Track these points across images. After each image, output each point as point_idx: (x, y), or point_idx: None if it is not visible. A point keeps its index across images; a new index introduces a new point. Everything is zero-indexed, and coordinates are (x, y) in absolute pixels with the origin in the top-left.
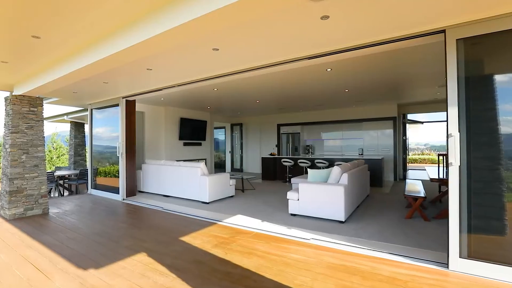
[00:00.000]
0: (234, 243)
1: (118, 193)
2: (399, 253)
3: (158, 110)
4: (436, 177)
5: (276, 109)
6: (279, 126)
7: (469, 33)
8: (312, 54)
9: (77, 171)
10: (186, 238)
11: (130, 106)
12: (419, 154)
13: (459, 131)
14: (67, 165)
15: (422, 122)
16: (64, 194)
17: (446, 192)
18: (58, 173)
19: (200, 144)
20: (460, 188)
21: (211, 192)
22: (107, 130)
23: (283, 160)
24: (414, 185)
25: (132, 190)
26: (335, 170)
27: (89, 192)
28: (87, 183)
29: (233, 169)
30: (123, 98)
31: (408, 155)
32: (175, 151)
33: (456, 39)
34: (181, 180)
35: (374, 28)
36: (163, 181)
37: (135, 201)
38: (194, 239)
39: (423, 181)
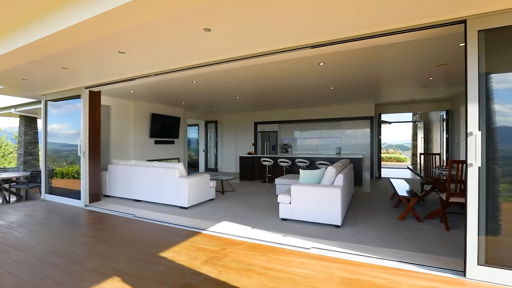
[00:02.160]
0: (226, 257)
1: (79, 199)
2: (411, 261)
3: (126, 104)
4: (416, 176)
5: (254, 107)
6: (256, 124)
7: (492, 24)
8: (311, 43)
9: (28, 173)
10: (168, 254)
11: (94, 98)
12: (384, 153)
13: (479, 129)
14: (15, 166)
15: (390, 122)
16: (11, 200)
17: (430, 191)
18: (2, 175)
19: (172, 142)
20: (479, 191)
21: (191, 196)
22: (65, 126)
23: (262, 159)
24: (403, 184)
25: (96, 194)
26: (330, 171)
27: (42, 197)
28: (40, 186)
29: (207, 169)
30: (86, 88)
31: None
32: (146, 150)
33: (478, 30)
34: (155, 182)
35: (387, 15)
36: (134, 184)
37: (100, 208)
38: (178, 255)
39: (402, 179)
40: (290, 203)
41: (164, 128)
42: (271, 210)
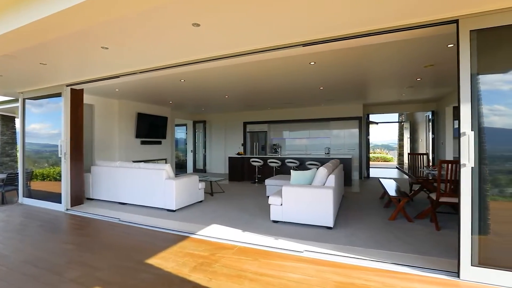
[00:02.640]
0: (216, 263)
1: (60, 202)
2: (404, 262)
3: (110, 104)
4: (403, 175)
5: (243, 106)
6: (245, 124)
7: (484, 24)
8: (303, 41)
9: (4, 175)
10: (155, 261)
11: (76, 96)
12: (371, 153)
13: (472, 130)
14: None
15: (377, 123)
16: None
17: (419, 191)
18: None
19: (160, 142)
20: (472, 191)
21: (179, 198)
22: (46, 126)
23: (252, 160)
24: (392, 184)
25: (79, 197)
26: (321, 171)
27: (20, 201)
28: (17, 190)
29: (195, 170)
30: (67, 86)
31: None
32: (131, 150)
33: (470, 30)
34: (141, 184)
35: (380, 14)
36: (119, 186)
37: (83, 212)
38: (166, 261)
39: (391, 179)
40: (282, 204)
41: (150, 128)
42: (262, 212)
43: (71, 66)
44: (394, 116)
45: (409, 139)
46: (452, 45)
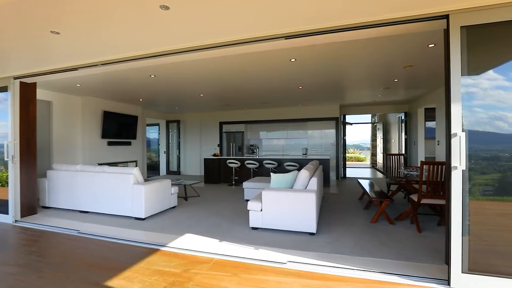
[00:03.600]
0: (190, 281)
1: (7, 213)
2: (392, 270)
3: (72, 100)
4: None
5: (219, 106)
6: (221, 124)
7: (476, 21)
8: (286, 33)
9: None
10: (117, 282)
11: (27, 91)
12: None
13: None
14: None
15: (351, 124)
16: None
17: (396, 191)
18: None
19: (129, 143)
20: (463, 195)
21: (148, 205)
22: None
23: (229, 161)
24: (371, 185)
25: (32, 206)
26: (303, 174)
27: None
28: None
29: (169, 172)
30: (15, 78)
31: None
32: (97, 152)
33: (461, 26)
34: (106, 190)
35: (368, 5)
36: (80, 193)
37: (35, 223)
38: (131, 282)
39: (368, 180)
40: (261, 210)
41: (119, 128)
42: (240, 218)
43: (17, 55)
44: (367, 117)
45: (382, 139)
46: (433, 45)
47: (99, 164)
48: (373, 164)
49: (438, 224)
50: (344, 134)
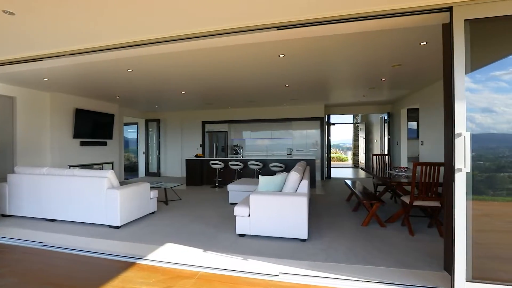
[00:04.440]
0: None
1: None
2: (393, 280)
3: (39, 96)
4: (361, 175)
5: (202, 104)
6: (204, 123)
7: (482, 14)
8: (278, 23)
9: None
10: None
11: None
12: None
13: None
14: None
15: (333, 124)
16: None
17: (384, 192)
18: None
19: (105, 143)
20: (467, 199)
21: (125, 211)
22: None
23: (212, 162)
24: (359, 187)
25: None
26: (293, 176)
27: None
28: None
29: (148, 173)
30: None
31: None
32: (68, 153)
33: (465, 20)
34: (76, 196)
35: None
36: (47, 199)
37: None
38: None
39: (355, 180)
40: (249, 215)
41: (93, 127)
42: (225, 223)
43: None
44: (349, 118)
45: (364, 139)
46: (425, 43)
47: (71, 166)
48: (355, 164)
49: (428, 226)
50: (329, 134)
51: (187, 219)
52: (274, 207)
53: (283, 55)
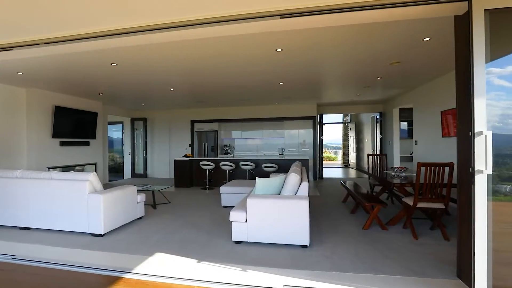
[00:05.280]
0: None
1: None
2: None
3: (13, 92)
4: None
5: (191, 102)
6: (193, 122)
7: (502, 3)
8: (282, 10)
9: None
10: None
11: None
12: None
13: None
14: None
15: (324, 123)
16: None
17: (381, 192)
18: None
19: (87, 143)
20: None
21: (109, 218)
22: None
23: (202, 163)
24: (358, 188)
25: None
26: (293, 178)
27: None
28: None
29: (134, 175)
30: None
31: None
32: (47, 154)
33: (485, 10)
34: (54, 201)
35: None
36: (20, 205)
37: None
38: None
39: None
40: (246, 221)
41: (75, 126)
42: (219, 228)
43: None
44: (338, 117)
45: (354, 139)
46: (428, 38)
47: (50, 168)
48: (345, 164)
49: (431, 228)
50: (321, 134)
51: (177, 224)
52: (273, 212)
53: (280, 50)
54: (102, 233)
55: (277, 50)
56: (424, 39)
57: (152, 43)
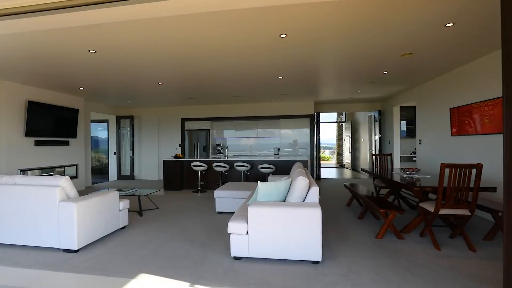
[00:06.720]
0: None
1: None
2: None
3: None
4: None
5: (182, 99)
6: (183, 120)
7: None
8: None
9: None
10: None
11: None
12: None
13: None
14: None
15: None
16: None
17: (388, 195)
18: None
19: (67, 143)
20: None
21: (84, 230)
22: None
23: (193, 163)
24: (363, 191)
25: None
26: (301, 182)
27: None
28: None
29: (120, 177)
30: None
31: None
32: (19, 154)
33: None
34: (18, 210)
35: None
36: None
37: None
38: None
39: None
40: (247, 233)
41: (53, 124)
42: (215, 239)
43: None
44: (333, 116)
45: (349, 138)
46: (451, 24)
47: (23, 171)
48: (340, 164)
49: (450, 236)
50: (319, 133)
51: (166, 235)
52: (279, 222)
53: (285, 35)
54: (76, 249)
55: (281, 36)
56: (447, 25)
57: (132, 20)
